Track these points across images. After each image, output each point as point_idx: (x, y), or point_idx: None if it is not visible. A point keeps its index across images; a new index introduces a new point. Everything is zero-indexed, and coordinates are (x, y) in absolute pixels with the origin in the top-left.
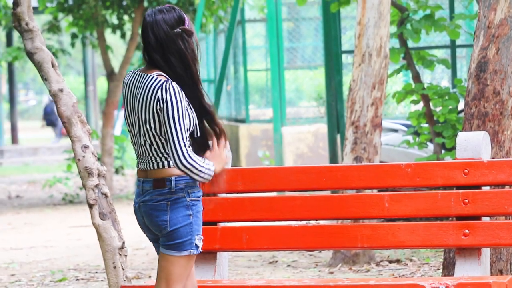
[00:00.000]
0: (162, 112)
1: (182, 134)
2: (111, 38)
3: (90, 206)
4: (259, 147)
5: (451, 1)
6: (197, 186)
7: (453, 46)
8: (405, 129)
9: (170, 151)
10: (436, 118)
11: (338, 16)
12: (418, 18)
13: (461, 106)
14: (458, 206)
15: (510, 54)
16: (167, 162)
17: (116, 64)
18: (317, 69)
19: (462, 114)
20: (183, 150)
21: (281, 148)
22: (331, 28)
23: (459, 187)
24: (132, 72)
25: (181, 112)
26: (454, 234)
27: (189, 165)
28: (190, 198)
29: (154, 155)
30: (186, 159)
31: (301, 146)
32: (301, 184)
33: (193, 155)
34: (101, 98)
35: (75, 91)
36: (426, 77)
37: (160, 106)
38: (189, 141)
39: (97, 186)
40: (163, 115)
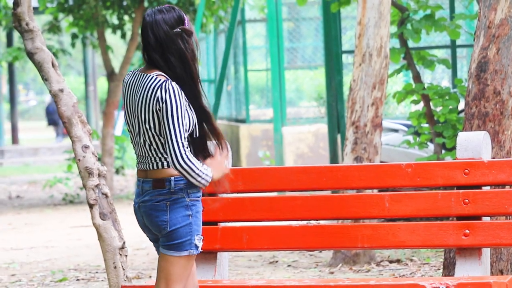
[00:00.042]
0: (162, 112)
1: (181, 135)
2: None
3: (91, 206)
4: (260, 147)
5: (452, 1)
6: (196, 186)
7: (453, 46)
8: (405, 129)
9: (167, 151)
10: (436, 118)
11: (338, 16)
12: (418, 18)
13: (461, 106)
14: (459, 206)
15: (511, 54)
16: (166, 162)
17: (116, 64)
18: (317, 69)
19: (462, 114)
20: (181, 150)
21: (281, 148)
22: (332, 28)
23: (460, 187)
24: (132, 72)
25: (180, 112)
26: (454, 234)
27: (186, 166)
28: (189, 198)
29: (153, 155)
30: (184, 160)
31: (301, 146)
32: (301, 184)
33: (191, 157)
34: (101, 98)
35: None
36: (427, 77)
37: (159, 106)
38: (187, 142)
39: (97, 186)
40: (162, 115)
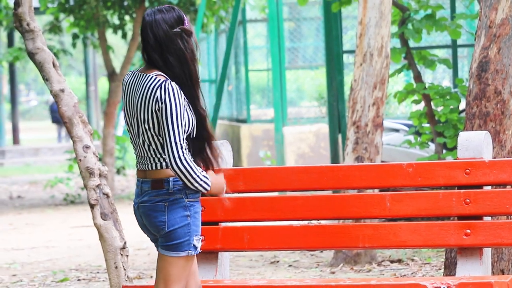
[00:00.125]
0: (161, 112)
1: (179, 135)
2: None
3: (92, 206)
4: (261, 147)
5: (452, 0)
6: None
7: (454, 46)
8: (406, 129)
9: (165, 152)
10: (437, 118)
11: (339, 16)
12: (419, 18)
13: (462, 106)
14: (460, 206)
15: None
16: (165, 163)
17: (117, 64)
18: (318, 69)
19: (463, 114)
20: (179, 151)
21: (282, 148)
22: (332, 28)
23: (461, 187)
24: (131, 72)
25: (179, 112)
26: (455, 233)
27: (183, 167)
28: (188, 199)
29: (152, 156)
30: (182, 161)
31: (302, 146)
32: (302, 184)
33: (189, 160)
34: (102, 98)
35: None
36: (428, 77)
37: (159, 106)
38: (186, 143)
39: (98, 186)
40: (162, 115)
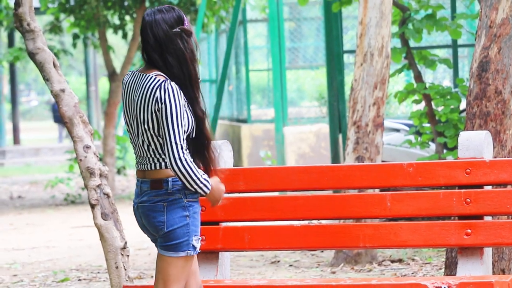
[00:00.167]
0: (160, 112)
1: (180, 136)
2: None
3: (92, 206)
4: (261, 147)
5: (453, 0)
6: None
7: (454, 46)
8: (407, 128)
9: (166, 152)
10: (438, 117)
11: (339, 16)
12: (419, 18)
13: (463, 105)
14: (460, 206)
15: None
16: (164, 163)
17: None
18: (318, 69)
19: (464, 114)
20: (179, 152)
21: (282, 148)
22: (333, 28)
23: (461, 187)
24: (131, 72)
25: (179, 113)
26: (456, 233)
27: (183, 168)
28: (187, 199)
29: (151, 156)
30: (182, 161)
31: (303, 146)
32: (303, 183)
33: (190, 161)
34: (103, 98)
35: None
36: (428, 76)
37: (158, 107)
38: (186, 143)
39: (99, 186)
40: (162, 116)
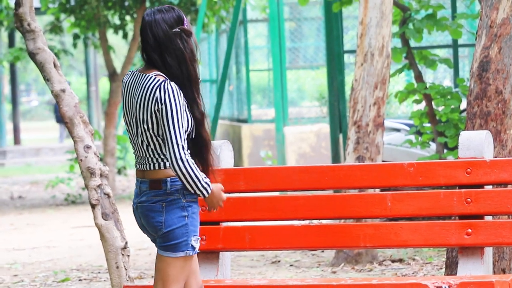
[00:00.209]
0: (160, 113)
1: (181, 136)
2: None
3: (93, 206)
4: (261, 147)
5: (453, 0)
6: None
7: (455, 46)
8: (407, 128)
9: (167, 153)
10: (438, 117)
11: (340, 15)
12: (420, 18)
13: (463, 105)
14: (461, 205)
15: None
16: (163, 163)
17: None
18: (319, 69)
19: (464, 114)
20: (181, 153)
21: (283, 148)
22: (333, 27)
23: (462, 186)
24: (131, 72)
25: (179, 113)
26: (456, 233)
27: (184, 168)
28: (185, 199)
29: (150, 156)
30: (183, 162)
31: (303, 146)
32: (303, 183)
33: (192, 162)
34: (103, 98)
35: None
36: (428, 76)
37: (158, 107)
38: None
39: (99, 186)
40: (161, 116)
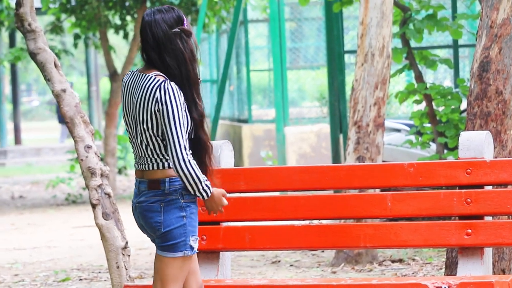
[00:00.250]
0: (161, 113)
1: (182, 137)
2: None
3: (93, 206)
4: (262, 147)
5: (454, 0)
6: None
7: (455, 46)
8: (407, 129)
9: (169, 153)
10: (438, 117)
11: (340, 16)
12: (420, 18)
13: (463, 105)
14: (461, 206)
15: None
16: (162, 163)
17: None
18: (319, 69)
19: (464, 114)
20: (183, 153)
21: (283, 148)
22: (334, 28)
23: (462, 187)
24: (131, 72)
25: (180, 113)
26: (456, 233)
27: (186, 169)
28: (184, 199)
29: (150, 156)
30: (185, 163)
31: (303, 146)
32: (303, 183)
33: (194, 163)
34: (104, 98)
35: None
36: (429, 77)
37: (158, 107)
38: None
39: (100, 186)
40: (162, 117)
